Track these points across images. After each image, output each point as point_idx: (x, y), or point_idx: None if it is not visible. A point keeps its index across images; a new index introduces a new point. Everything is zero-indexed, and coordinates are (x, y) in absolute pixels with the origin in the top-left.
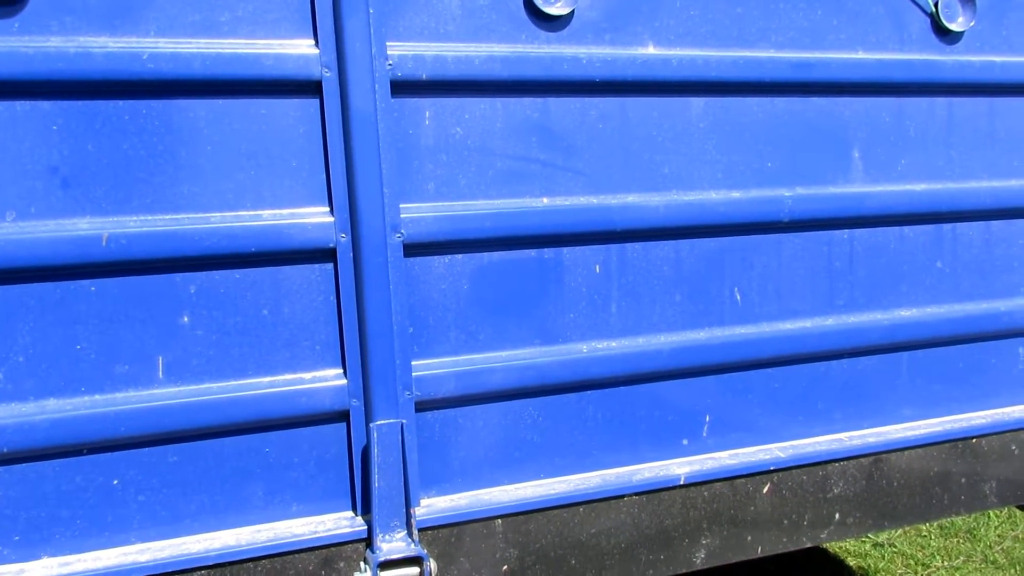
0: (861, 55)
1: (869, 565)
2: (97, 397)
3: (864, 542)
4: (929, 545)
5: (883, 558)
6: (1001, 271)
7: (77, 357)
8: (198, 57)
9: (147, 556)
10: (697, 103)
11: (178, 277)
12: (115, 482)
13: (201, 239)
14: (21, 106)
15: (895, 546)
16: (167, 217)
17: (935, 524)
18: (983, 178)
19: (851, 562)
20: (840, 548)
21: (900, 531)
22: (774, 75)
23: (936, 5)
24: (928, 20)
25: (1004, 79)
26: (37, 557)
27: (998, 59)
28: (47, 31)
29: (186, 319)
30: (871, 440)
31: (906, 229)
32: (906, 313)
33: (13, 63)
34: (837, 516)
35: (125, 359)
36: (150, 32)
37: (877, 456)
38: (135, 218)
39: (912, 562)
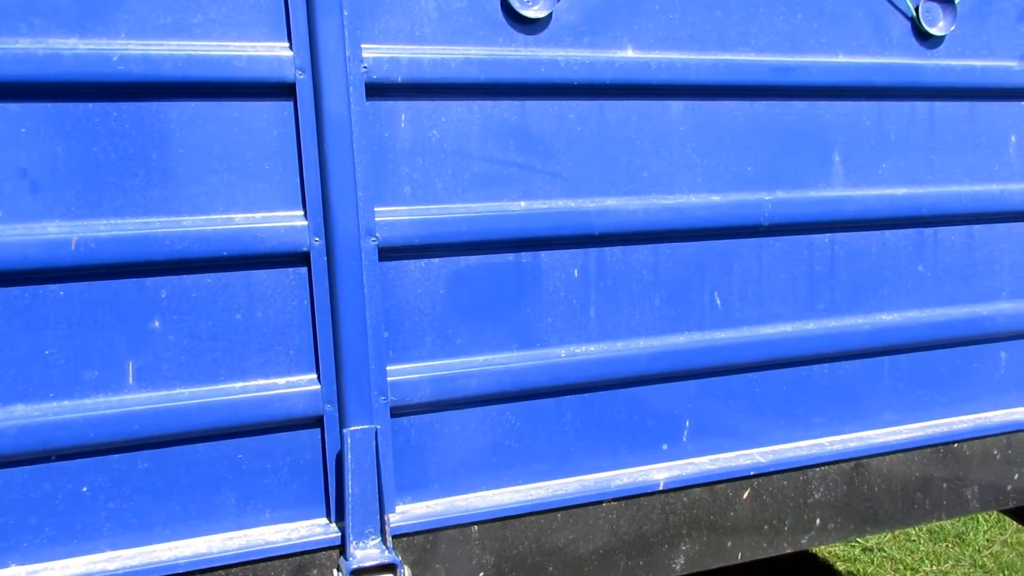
0: (842, 59)
1: (858, 570)
2: (66, 403)
3: (853, 546)
4: (918, 550)
5: (872, 563)
6: (982, 275)
7: (45, 362)
8: (169, 59)
9: (116, 564)
10: (676, 106)
11: (149, 281)
12: (84, 489)
13: (172, 243)
14: None
15: (884, 550)
16: (138, 221)
17: (924, 528)
18: (964, 182)
19: (840, 567)
20: (829, 552)
21: (889, 535)
22: (754, 79)
23: (917, 9)
24: (909, 24)
25: (985, 83)
26: (5, 565)
27: (979, 63)
28: (16, 32)
29: (157, 324)
30: (852, 445)
31: (887, 233)
32: (887, 317)
33: None
34: (818, 521)
35: (94, 364)
36: (120, 34)
37: (858, 461)
38: (105, 222)
39: (901, 566)
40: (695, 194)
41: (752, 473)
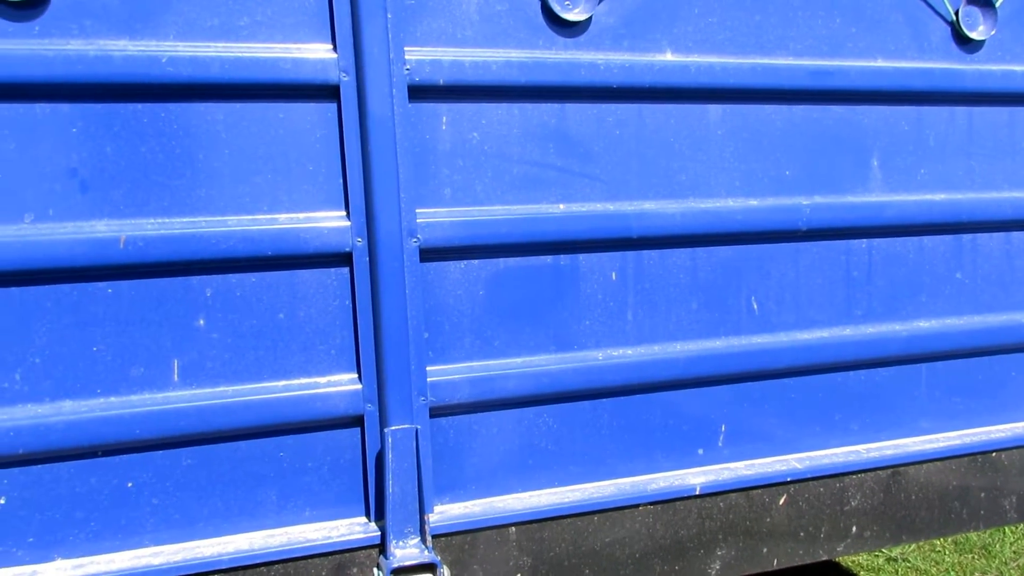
0: (880, 63)
1: None
2: (112, 399)
3: (877, 556)
4: (943, 560)
5: (896, 573)
6: (1022, 282)
7: (93, 359)
8: (216, 61)
9: (160, 559)
10: (715, 110)
11: (194, 280)
12: (129, 484)
13: (218, 242)
14: (41, 109)
15: (908, 560)
16: (184, 220)
17: (950, 539)
18: (1004, 188)
19: None
20: (853, 562)
21: (914, 546)
22: (792, 83)
23: (957, 14)
24: (948, 28)
25: None
26: (51, 559)
27: (1019, 68)
28: (67, 34)
29: (202, 322)
30: (889, 452)
31: (925, 239)
32: (925, 324)
33: (34, 66)
34: (854, 529)
35: (141, 361)
36: (169, 35)
37: (895, 469)
38: (152, 220)
39: None
40: (733, 198)
41: (789, 479)
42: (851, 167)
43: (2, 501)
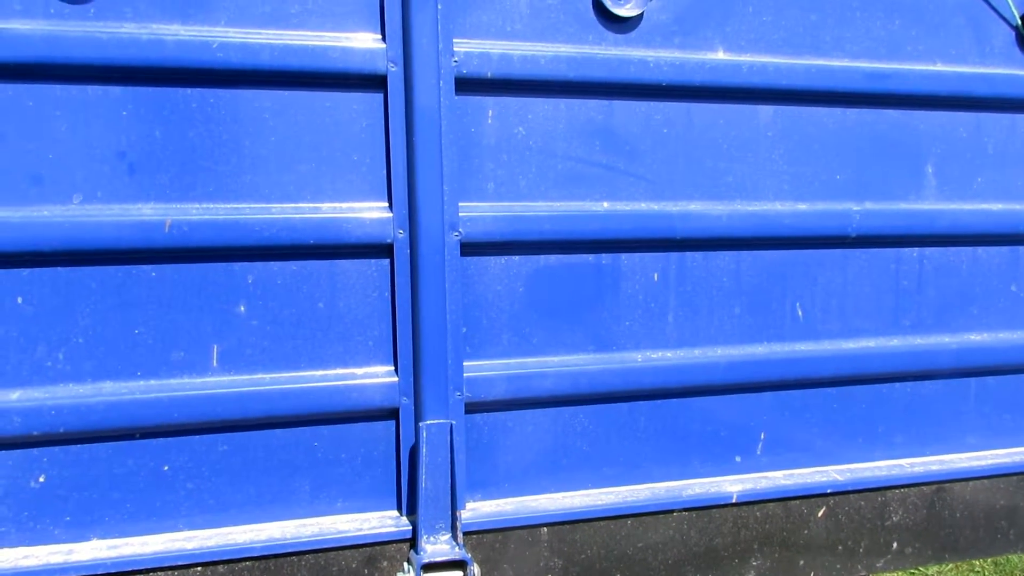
0: (940, 67)
1: None
2: (152, 382)
3: (913, 573)
4: None
5: None
6: None
7: (134, 341)
8: (267, 48)
9: (194, 543)
10: (766, 111)
11: (236, 266)
12: (165, 468)
13: (261, 229)
14: (93, 90)
15: None
16: (229, 206)
17: (989, 560)
18: None
19: None
20: None
21: (951, 564)
22: (847, 85)
23: (1022, 18)
24: (1012, 34)
25: None
26: (87, 538)
27: None
28: (121, 17)
29: (242, 308)
30: (934, 468)
31: (979, 250)
32: (976, 337)
33: (87, 48)
34: (895, 545)
35: (181, 346)
36: (221, 21)
37: (940, 485)
38: (198, 206)
39: None
40: (781, 202)
41: (829, 491)
42: (905, 173)
43: (42, 479)
